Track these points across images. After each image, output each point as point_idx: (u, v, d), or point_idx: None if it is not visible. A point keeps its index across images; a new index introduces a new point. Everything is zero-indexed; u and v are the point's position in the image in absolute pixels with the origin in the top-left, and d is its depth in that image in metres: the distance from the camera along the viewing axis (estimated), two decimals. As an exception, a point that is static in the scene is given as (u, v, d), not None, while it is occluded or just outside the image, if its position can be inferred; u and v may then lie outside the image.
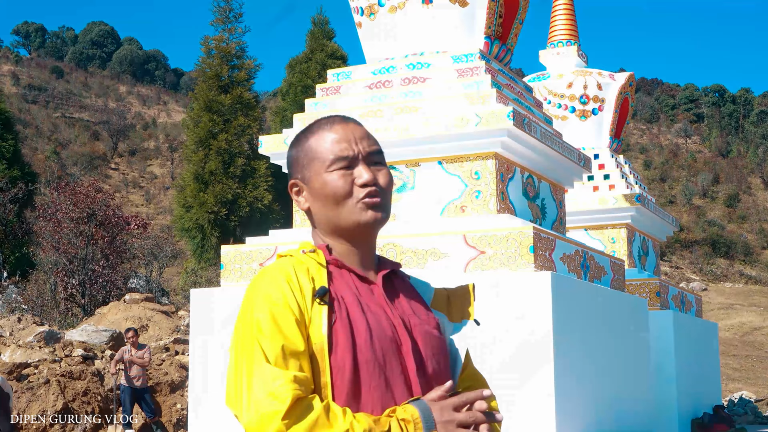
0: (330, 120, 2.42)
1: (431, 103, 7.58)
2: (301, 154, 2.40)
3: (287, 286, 2.21)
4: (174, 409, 13.97)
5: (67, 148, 69.32)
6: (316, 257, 2.32)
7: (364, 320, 2.22)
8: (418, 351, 2.29)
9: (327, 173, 2.32)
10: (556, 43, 13.71)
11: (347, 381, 2.16)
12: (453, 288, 2.58)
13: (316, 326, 2.18)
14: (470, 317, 2.51)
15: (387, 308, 2.31)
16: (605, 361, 7.36)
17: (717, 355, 14.05)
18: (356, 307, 2.25)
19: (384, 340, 2.23)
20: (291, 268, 2.27)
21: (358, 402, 2.16)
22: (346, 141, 2.35)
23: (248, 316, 2.20)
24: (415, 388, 2.23)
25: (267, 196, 29.45)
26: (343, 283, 2.30)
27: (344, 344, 2.17)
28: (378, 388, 2.18)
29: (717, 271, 54.34)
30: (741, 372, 28.91)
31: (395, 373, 2.22)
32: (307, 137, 2.41)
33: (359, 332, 2.20)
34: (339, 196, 2.31)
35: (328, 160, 2.32)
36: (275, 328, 2.14)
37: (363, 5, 8.55)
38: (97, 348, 14.39)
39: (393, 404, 2.18)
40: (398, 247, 6.87)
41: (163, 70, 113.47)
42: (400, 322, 2.29)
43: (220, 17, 31.25)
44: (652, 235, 13.20)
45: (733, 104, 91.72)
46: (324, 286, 2.23)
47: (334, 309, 2.22)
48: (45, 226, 21.34)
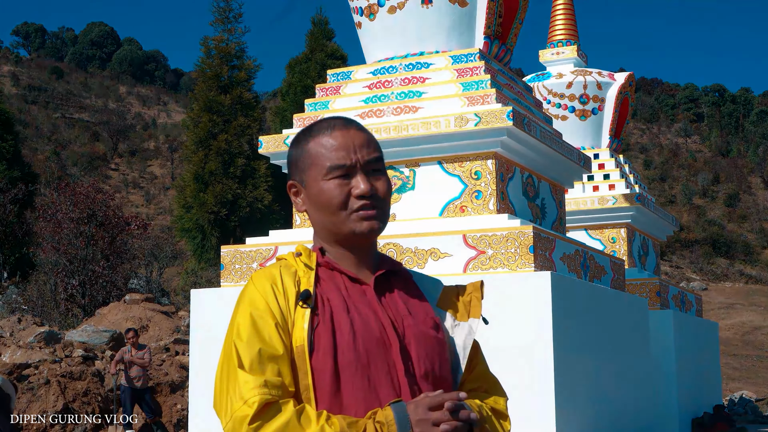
0: (331, 124, 2.39)
1: (431, 103, 7.58)
2: (300, 157, 2.38)
3: (271, 291, 2.23)
4: (174, 410, 13.97)
5: (67, 148, 69.31)
6: (306, 260, 2.33)
7: (348, 322, 2.21)
8: (408, 352, 2.28)
9: (324, 181, 2.31)
10: (555, 42, 13.71)
11: (328, 383, 2.16)
12: (462, 285, 2.57)
13: (298, 329, 2.19)
14: (478, 316, 2.50)
15: (378, 309, 2.29)
16: (605, 360, 7.35)
17: (717, 355, 14.04)
18: (342, 309, 2.24)
19: (370, 341, 2.21)
20: (278, 271, 2.29)
21: (341, 403, 2.16)
22: (344, 149, 2.32)
23: (232, 322, 2.25)
24: (403, 389, 2.21)
25: (267, 197, 29.44)
26: (331, 286, 2.30)
27: (325, 346, 2.17)
28: (361, 389, 2.17)
29: (717, 271, 54.33)
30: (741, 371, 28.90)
31: (381, 373, 2.20)
32: (307, 140, 2.39)
33: (342, 334, 2.19)
34: (334, 206, 2.30)
35: (325, 168, 2.31)
36: (253, 333, 2.16)
37: (363, 5, 8.55)
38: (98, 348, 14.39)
39: (378, 405, 2.16)
40: (398, 247, 6.87)
41: (162, 71, 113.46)
42: (389, 323, 2.28)
43: (219, 18, 31.25)
44: (652, 234, 13.19)
45: (733, 104, 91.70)
46: (307, 290, 2.23)
47: (317, 312, 2.22)
48: (45, 226, 21.33)
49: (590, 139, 13.05)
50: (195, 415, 7.24)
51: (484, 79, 7.59)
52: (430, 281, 2.54)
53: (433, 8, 8.15)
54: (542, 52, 13.79)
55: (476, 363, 2.47)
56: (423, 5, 8.16)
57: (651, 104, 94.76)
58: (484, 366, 2.49)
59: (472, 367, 2.44)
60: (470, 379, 2.42)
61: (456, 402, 2.10)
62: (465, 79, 7.68)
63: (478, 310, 2.50)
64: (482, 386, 2.40)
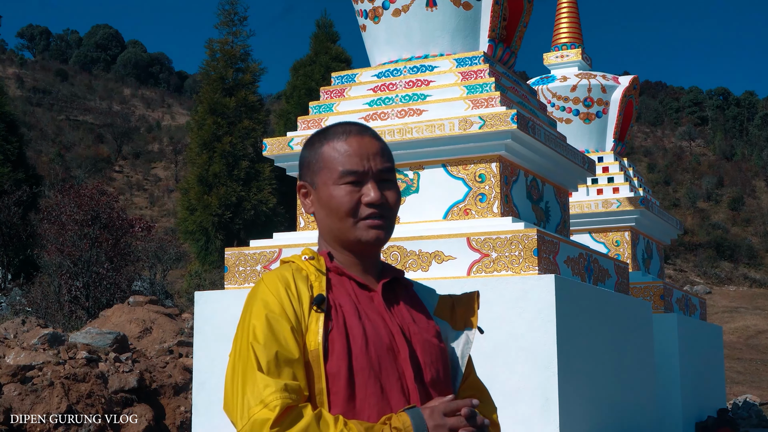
0: (347, 129, 2.39)
1: (435, 106, 7.58)
2: (313, 159, 2.39)
3: (285, 294, 2.22)
4: (178, 412, 13.97)
5: (71, 150, 69.39)
6: (316, 264, 2.33)
7: (360, 328, 2.22)
8: (416, 359, 2.29)
9: (335, 186, 2.32)
10: (560, 46, 13.71)
11: (342, 388, 2.17)
12: (458, 295, 2.58)
13: (312, 334, 2.19)
14: (474, 326, 2.51)
15: (386, 316, 2.31)
16: (609, 364, 7.35)
17: (721, 359, 14.02)
18: (354, 314, 2.25)
19: (380, 347, 2.23)
20: (290, 274, 2.28)
21: (354, 409, 2.17)
22: (358, 155, 2.33)
23: (245, 323, 2.22)
24: (413, 396, 2.23)
25: (271, 199, 29.44)
26: (342, 291, 2.30)
27: (340, 352, 2.18)
28: (374, 395, 2.18)
29: (721, 274, 54.23)
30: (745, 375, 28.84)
31: (391, 380, 2.22)
32: (321, 142, 2.39)
33: (355, 340, 2.20)
34: (343, 212, 2.31)
35: (337, 173, 2.32)
36: (270, 336, 2.15)
37: (367, 9, 8.56)
38: (101, 350, 14.39)
39: (389, 411, 2.17)
40: (402, 250, 6.87)
41: (167, 73, 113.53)
42: (398, 330, 2.29)
43: (224, 20, 31.28)
44: (656, 238, 13.18)
45: (737, 107, 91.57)
46: (321, 294, 2.24)
47: (331, 317, 2.22)
48: (49, 228, 21.34)
49: (594, 142, 13.04)
50: (198, 417, 7.25)
51: (489, 82, 7.59)
52: (426, 290, 2.57)
53: (438, 11, 8.15)
54: (546, 56, 13.79)
55: (469, 372, 2.51)
56: (427, 8, 8.17)
57: (655, 107, 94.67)
58: (475, 376, 2.54)
59: (465, 376, 2.47)
60: (464, 388, 2.46)
61: (471, 408, 2.12)
62: (469, 82, 7.69)
63: (475, 319, 2.52)
64: (474, 395, 2.42)
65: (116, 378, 12.83)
